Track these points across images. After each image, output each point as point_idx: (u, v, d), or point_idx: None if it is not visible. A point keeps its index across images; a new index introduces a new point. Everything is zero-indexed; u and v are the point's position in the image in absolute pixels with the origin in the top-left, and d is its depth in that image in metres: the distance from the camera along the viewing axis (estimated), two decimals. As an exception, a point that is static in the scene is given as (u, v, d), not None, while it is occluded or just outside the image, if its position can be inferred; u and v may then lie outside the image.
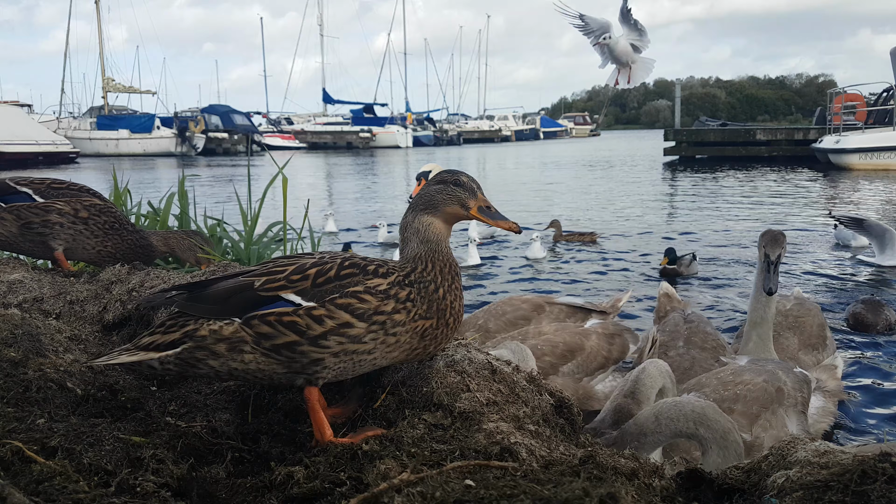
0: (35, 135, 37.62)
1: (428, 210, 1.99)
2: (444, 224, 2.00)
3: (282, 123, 78.93)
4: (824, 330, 5.25)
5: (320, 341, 1.77)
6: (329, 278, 1.82)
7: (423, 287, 1.89)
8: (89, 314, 2.86)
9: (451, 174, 2.02)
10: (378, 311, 1.81)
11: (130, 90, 62.68)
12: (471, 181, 2.00)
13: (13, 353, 2.11)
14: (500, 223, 1.99)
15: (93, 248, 3.61)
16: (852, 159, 26.03)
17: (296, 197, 11.36)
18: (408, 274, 1.90)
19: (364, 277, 1.84)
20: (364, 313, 1.79)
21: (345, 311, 1.78)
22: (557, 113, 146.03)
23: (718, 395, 3.60)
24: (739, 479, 1.59)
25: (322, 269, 1.84)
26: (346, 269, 1.85)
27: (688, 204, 17.10)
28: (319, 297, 1.79)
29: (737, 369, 3.85)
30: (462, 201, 1.98)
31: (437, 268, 1.93)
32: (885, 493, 1.30)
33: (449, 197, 1.98)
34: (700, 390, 3.64)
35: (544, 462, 1.65)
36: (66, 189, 3.62)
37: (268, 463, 1.77)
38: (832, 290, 8.07)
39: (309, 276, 1.81)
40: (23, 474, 1.48)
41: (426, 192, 2.01)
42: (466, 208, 1.98)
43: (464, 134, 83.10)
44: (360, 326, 1.79)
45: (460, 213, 1.99)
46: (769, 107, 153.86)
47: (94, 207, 3.59)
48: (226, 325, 1.78)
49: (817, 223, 13.31)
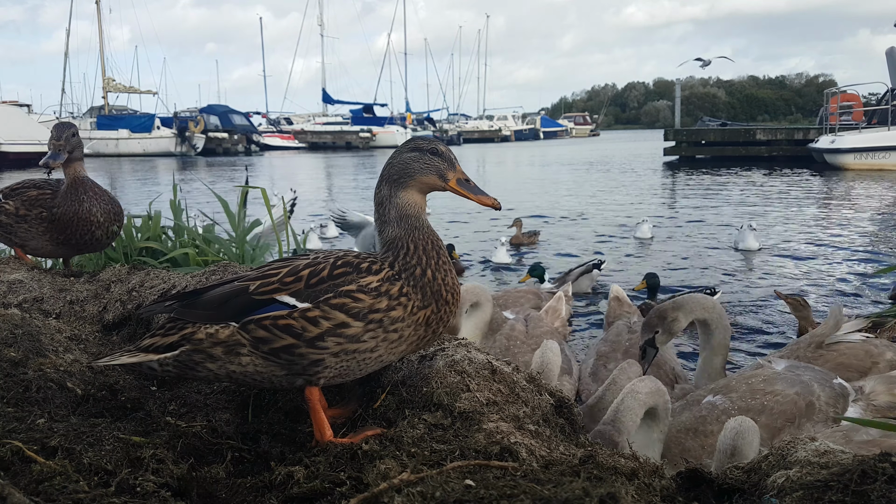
0: (37, 135, 37.61)
1: (402, 180, 1.88)
2: (420, 196, 1.90)
3: (281, 123, 78.95)
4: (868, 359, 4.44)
5: (318, 343, 1.74)
6: (322, 278, 1.78)
7: (411, 274, 1.82)
8: (89, 314, 2.86)
9: (426, 141, 1.91)
10: (373, 309, 1.76)
11: (130, 90, 62.66)
12: (448, 151, 1.90)
13: (13, 352, 2.11)
14: (481, 198, 1.88)
15: (45, 240, 3.54)
16: (847, 159, 26.07)
17: (299, 197, 11.39)
18: (391, 263, 1.83)
19: (357, 275, 1.79)
20: (359, 312, 1.75)
21: (340, 311, 1.75)
22: (557, 113, 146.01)
23: (745, 404, 3.39)
24: (739, 478, 1.59)
25: (315, 269, 1.80)
26: (339, 267, 1.80)
27: (689, 202, 17.11)
28: (314, 297, 1.75)
29: (770, 376, 3.56)
30: (440, 171, 1.88)
31: (420, 248, 1.84)
32: (885, 493, 1.30)
33: (426, 166, 1.87)
34: (727, 394, 3.47)
35: (544, 462, 1.65)
36: (21, 187, 3.60)
37: (268, 463, 1.77)
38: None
39: (302, 278, 1.78)
40: (23, 474, 1.48)
41: (399, 159, 1.89)
42: (445, 179, 1.88)
43: (463, 134, 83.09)
44: (356, 326, 1.75)
45: (437, 183, 1.89)
46: (769, 107, 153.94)
47: (29, 201, 3.52)
48: (222, 329, 1.77)
49: (809, 224, 13.34)
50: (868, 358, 4.58)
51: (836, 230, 12.53)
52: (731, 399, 3.44)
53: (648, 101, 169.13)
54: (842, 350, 4.62)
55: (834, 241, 11.29)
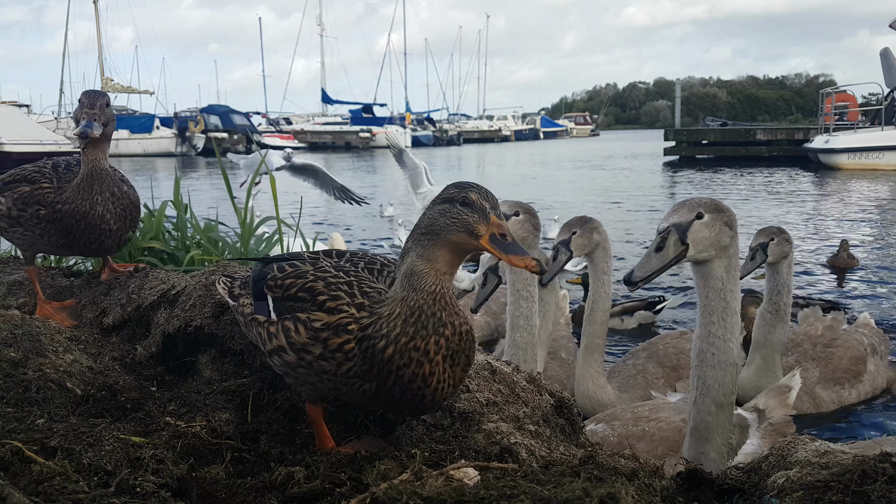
0: (38, 135, 37.60)
1: (426, 237, 1.58)
2: (448, 258, 1.57)
3: (281, 123, 78.93)
4: (859, 364, 4.70)
5: (273, 356, 1.74)
6: (289, 296, 1.71)
7: (373, 343, 1.56)
8: (88, 317, 2.86)
9: (458, 189, 1.58)
10: (305, 348, 1.64)
11: (129, 90, 62.70)
12: (482, 198, 1.55)
13: (13, 353, 2.11)
14: (514, 259, 1.51)
15: (44, 243, 2.83)
16: (841, 159, 26.11)
17: (298, 195, 11.38)
18: (369, 322, 1.58)
19: (311, 306, 1.65)
20: (294, 344, 1.65)
21: (283, 335, 1.68)
22: (558, 113, 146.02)
23: (625, 431, 3.23)
24: (740, 479, 1.59)
25: (293, 282, 1.72)
26: (303, 291, 1.68)
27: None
28: (281, 311, 1.73)
29: (657, 405, 3.40)
30: (469, 227, 1.54)
31: (402, 318, 1.54)
32: (885, 494, 1.30)
33: (453, 222, 1.54)
34: (610, 422, 3.33)
35: (544, 462, 1.65)
36: (12, 181, 2.83)
37: (267, 463, 1.77)
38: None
39: (282, 287, 1.74)
40: (22, 474, 1.48)
41: (430, 212, 1.59)
42: (476, 236, 1.54)
43: (463, 134, 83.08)
44: (290, 356, 1.67)
45: (468, 243, 1.55)
46: (769, 107, 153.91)
47: (22, 199, 2.75)
48: (248, 305, 1.88)
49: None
50: (860, 345, 4.71)
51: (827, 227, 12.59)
52: (613, 427, 3.29)
53: (649, 101, 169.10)
54: (845, 345, 4.70)
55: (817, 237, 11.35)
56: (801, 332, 5.01)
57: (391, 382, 1.55)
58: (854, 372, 4.67)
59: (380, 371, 1.55)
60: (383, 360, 1.54)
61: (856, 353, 4.73)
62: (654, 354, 4.67)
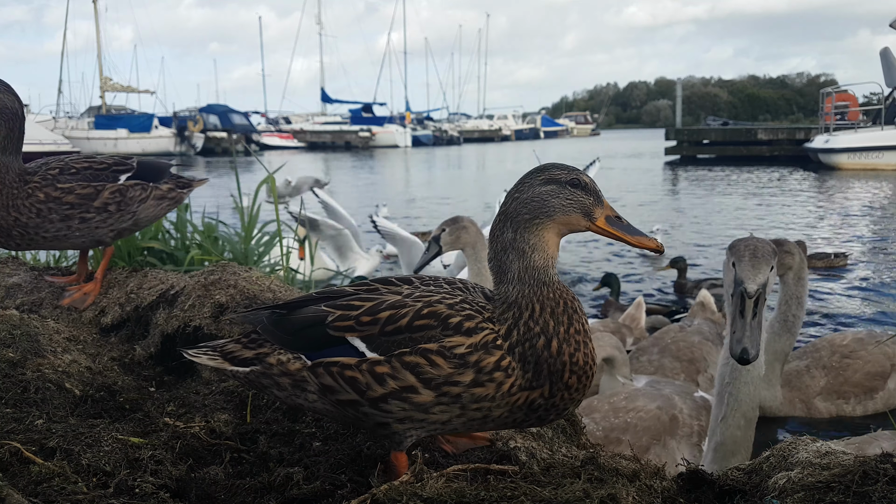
0: (38, 135, 37.60)
1: (536, 221, 1.49)
2: (555, 241, 1.52)
3: (280, 123, 78.91)
4: (876, 380, 4.50)
5: (381, 405, 1.47)
6: (400, 328, 1.47)
7: (531, 345, 1.45)
8: (86, 317, 2.86)
9: (564, 171, 1.52)
10: (450, 380, 1.43)
11: (128, 90, 62.60)
12: (592, 182, 1.53)
13: (11, 353, 2.10)
14: (642, 240, 1.52)
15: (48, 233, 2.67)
16: (841, 159, 26.15)
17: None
18: (509, 330, 1.47)
19: (443, 332, 1.45)
20: (432, 380, 1.44)
21: (410, 373, 1.44)
22: (558, 112, 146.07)
23: (608, 423, 3.28)
24: (740, 480, 1.58)
25: (396, 313, 1.49)
26: (423, 318, 1.47)
27: (693, 203, 17.09)
28: (386, 348, 1.47)
29: (631, 394, 3.48)
30: (586, 208, 1.50)
31: (548, 311, 1.47)
32: (886, 494, 1.29)
33: (569, 202, 1.49)
34: (590, 415, 3.37)
35: (545, 464, 1.64)
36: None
37: (267, 464, 1.76)
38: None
39: (379, 321, 1.49)
40: (21, 475, 1.47)
41: (531, 194, 1.50)
42: (591, 218, 1.51)
43: (464, 133, 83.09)
44: (425, 394, 1.45)
45: (580, 224, 1.51)
46: (770, 106, 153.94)
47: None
48: (293, 360, 1.57)
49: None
50: (887, 360, 4.59)
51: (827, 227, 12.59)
52: (595, 420, 3.35)
53: (650, 101, 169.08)
54: (865, 358, 4.57)
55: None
56: (826, 339, 4.89)
57: (567, 374, 1.46)
58: (867, 387, 4.52)
59: (551, 369, 1.45)
60: (551, 355, 1.45)
61: (876, 368, 4.55)
62: (666, 349, 4.69)
